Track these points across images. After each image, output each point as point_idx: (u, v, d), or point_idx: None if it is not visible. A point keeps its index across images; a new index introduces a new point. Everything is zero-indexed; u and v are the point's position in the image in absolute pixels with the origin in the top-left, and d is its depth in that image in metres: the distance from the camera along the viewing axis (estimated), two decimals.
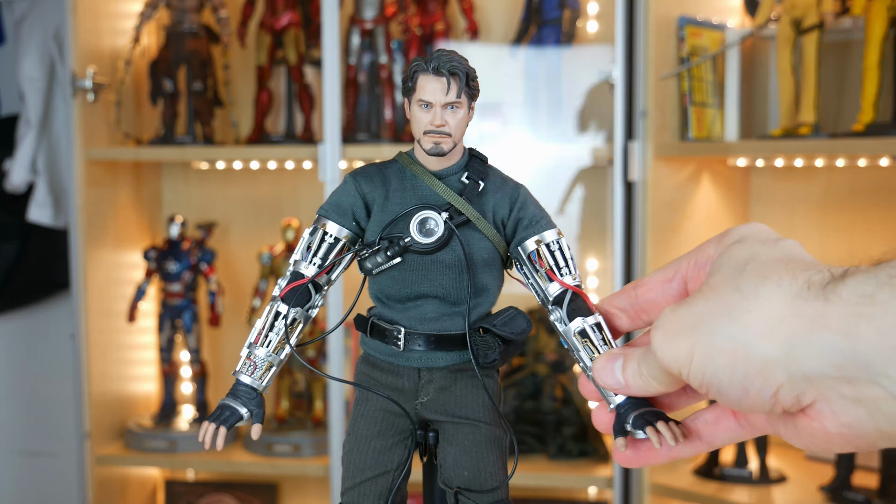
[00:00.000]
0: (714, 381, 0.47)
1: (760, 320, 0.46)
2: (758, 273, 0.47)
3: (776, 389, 0.45)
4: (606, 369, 0.55)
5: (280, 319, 0.66)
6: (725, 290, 0.48)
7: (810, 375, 0.44)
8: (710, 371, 0.47)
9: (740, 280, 0.48)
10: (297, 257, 0.67)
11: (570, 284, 0.65)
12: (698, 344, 0.47)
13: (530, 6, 2.00)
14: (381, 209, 0.67)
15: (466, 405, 0.69)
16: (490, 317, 0.68)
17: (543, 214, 0.68)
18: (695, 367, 0.48)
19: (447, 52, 0.65)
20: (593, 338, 0.63)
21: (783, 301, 0.45)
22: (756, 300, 0.46)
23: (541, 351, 2.02)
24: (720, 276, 0.49)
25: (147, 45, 2.19)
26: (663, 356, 0.49)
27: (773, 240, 0.50)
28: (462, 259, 0.66)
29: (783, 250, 0.49)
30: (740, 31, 1.95)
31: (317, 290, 0.67)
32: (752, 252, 0.49)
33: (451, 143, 0.65)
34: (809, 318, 0.44)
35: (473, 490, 0.68)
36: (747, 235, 0.51)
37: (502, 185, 0.68)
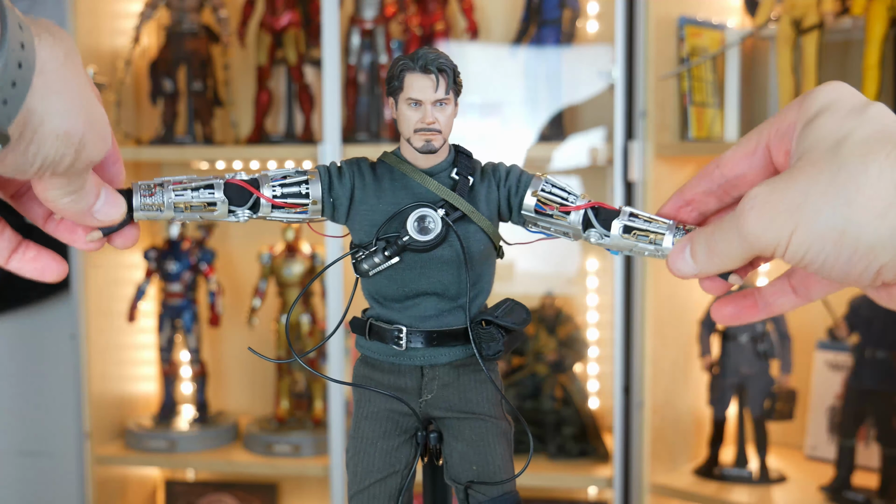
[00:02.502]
0: (817, 259, 0.47)
1: (870, 202, 0.45)
2: (860, 151, 0.46)
3: (880, 268, 0.45)
4: (677, 261, 0.56)
5: (206, 193, 0.63)
6: (827, 167, 0.47)
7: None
8: (814, 250, 0.47)
9: (841, 158, 0.46)
10: (268, 173, 0.66)
11: (584, 204, 0.66)
12: (803, 223, 0.47)
13: (530, 6, 2.00)
14: (373, 210, 0.67)
15: (471, 400, 0.69)
16: (489, 309, 0.68)
17: (521, 171, 0.69)
18: (795, 245, 0.47)
19: (431, 50, 0.65)
20: (636, 226, 0.63)
21: (889, 183, 0.45)
22: (866, 179, 0.45)
23: (541, 351, 2.02)
24: (818, 153, 0.48)
25: (147, 45, 2.19)
26: (759, 234, 0.48)
27: (860, 107, 0.49)
28: (460, 254, 0.66)
29: (875, 122, 0.48)
30: (740, 31, 1.95)
31: (252, 208, 0.65)
32: (844, 126, 0.48)
33: (441, 139, 0.65)
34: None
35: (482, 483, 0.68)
36: (832, 102, 0.50)
37: (484, 173, 0.69)
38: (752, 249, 0.50)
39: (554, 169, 2.07)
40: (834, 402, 1.90)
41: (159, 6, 2.08)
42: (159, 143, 2.10)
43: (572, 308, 2.09)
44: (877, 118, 0.48)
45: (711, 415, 1.90)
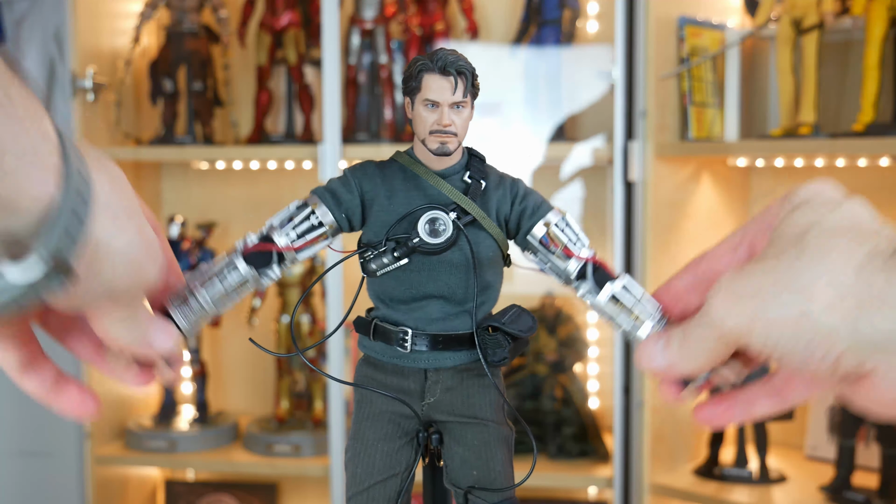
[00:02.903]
0: (777, 347, 0.47)
1: (825, 290, 0.46)
2: (821, 240, 0.47)
3: (838, 356, 0.46)
4: (649, 352, 0.55)
5: (232, 274, 0.62)
6: (787, 256, 0.48)
7: (874, 345, 0.45)
8: (773, 337, 0.47)
9: (803, 247, 0.47)
10: (274, 222, 0.65)
11: (587, 256, 0.65)
12: (761, 310, 0.47)
13: (530, 6, 1.99)
14: (385, 209, 0.66)
15: (473, 405, 0.69)
16: (495, 315, 0.68)
17: (543, 200, 0.68)
18: (756, 333, 0.48)
19: (450, 52, 0.65)
20: (626, 300, 0.62)
21: (847, 272, 0.46)
22: (820, 268, 0.46)
23: (541, 351, 2.02)
24: (783, 242, 0.49)
25: (147, 45, 2.19)
26: (723, 322, 0.49)
27: (837, 201, 0.50)
28: (469, 258, 0.65)
29: (847, 214, 0.49)
30: (740, 31, 1.95)
31: (279, 262, 0.64)
32: (815, 217, 0.49)
33: (456, 142, 0.65)
34: (874, 291, 0.45)
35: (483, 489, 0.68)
36: (812, 197, 0.51)
37: (501, 182, 0.68)
38: (721, 338, 0.50)
39: (554, 169, 2.07)
40: (834, 402, 1.90)
41: (159, 6, 2.08)
42: (159, 143, 2.10)
43: (572, 308, 2.09)
44: (849, 211, 0.49)
45: None
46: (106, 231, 0.45)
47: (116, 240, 0.46)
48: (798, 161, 1.93)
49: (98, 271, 0.46)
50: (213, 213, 2.27)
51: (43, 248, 0.41)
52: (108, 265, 0.47)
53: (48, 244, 0.41)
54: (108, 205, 0.46)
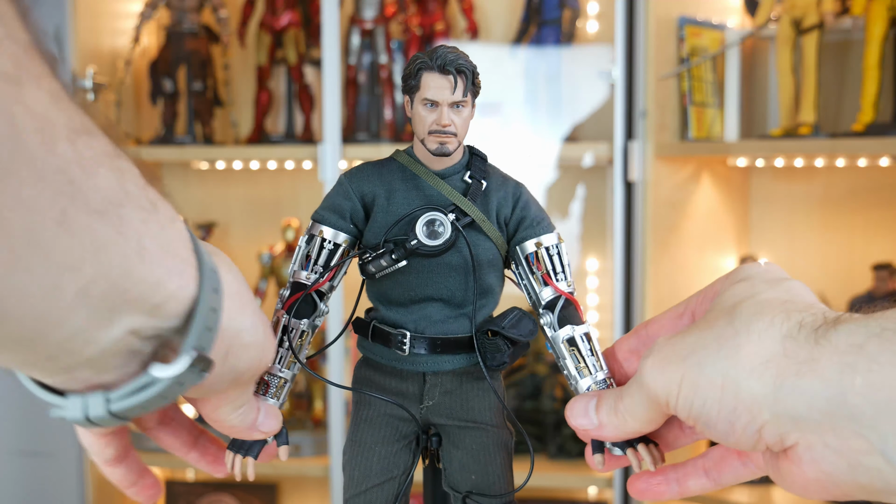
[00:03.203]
0: (702, 413, 0.47)
1: (750, 356, 0.46)
2: (752, 310, 0.47)
3: (760, 426, 0.45)
4: (578, 409, 0.55)
5: (287, 333, 0.64)
6: (718, 323, 0.48)
7: (796, 418, 0.44)
8: (698, 402, 0.47)
9: (734, 315, 0.48)
10: (295, 267, 0.65)
11: (564, 291, 0.65)
12: (688, 374, 0.47)
13: (530, 6, 1.99)
14: (383, 210, 0.65)
15: (472, 408, 0.68)
16: (495, 319, 0.67)
17: (545, 217, 0.67)
18: (682, 397, 0.48)
19: (451, 49, 0.63)
20: (581, 347, 0.62)
21: (774, 340, 0.46)
22: (747, 336, 0.46)
23: (541, 351, 2.02)
24: (716, 311, 0.49)
25: (147, 45, 2.19)
26: (652, 383, 0.49)
27: (777, 280, 0.50)
28: (468, 261, 0.65)
29: (784, 290, 0.49)
30: (740, 31, 1.95)
31: (320, 298, 0.65)
32: (752, 290, 0.49)
33: (456, 142, 0.64)
34: (799, 360, 0.44)
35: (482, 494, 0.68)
36: (754, 275, 0.51)
37: (503, 183, 0.67)
38: (651, 400, 0.50)
39: (554, 169, 2.08)
40: None
41: (159, 6, 2.08)
42: (159, 143, 2.10)
43: None
44: (787, 288, 0.49)
45: None
46: (234, 320, 0.48)
47: (243, 328, 0.49)
48: (798, 161, 1.93)
49: (229, 359, 0.48)
50: (213, 213, 2.27)
51: (189, 345, 0.43)
52: (238, 352, 0.49)
53: (192, 341, 0.43)
54: (233, 295, 0.48)
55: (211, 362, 0.45)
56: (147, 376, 0.43)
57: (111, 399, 0.44)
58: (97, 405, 0.44)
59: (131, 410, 0.44)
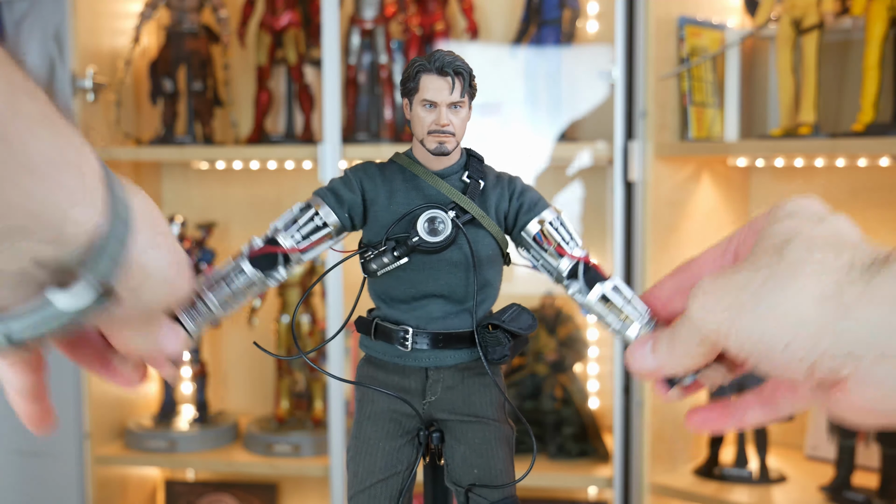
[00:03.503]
0: (755, 348, 0.48)
1: (804, 293, 0.46)
2: (803, 248, 0.48)
3: (815, 360, 0.46)
4: (637, 356, 0.56)
5: (241, 279, 0.64)
6: (769, 263, 0.49)
7: (850, 351, 0.45)
8: (753, 339, 0.48)
9: (784, 253, 0.48)
10: (278, 225, 0.66)
11: (580, 256, 0.66)
12: (742, 312, 0.48)
13: (530, 6, 1.99)
14: (385, 209, 0.66)
15: (474, 403, 0.69)
16: (495, 314, 0.68)
17: (540, 197, 0.69)
18: (736, 334, 0.49)
19: (448, 53, 0.65)
20: (615, 300, 0.63)
21: (827, 277, 0.46)
22: (801, 273, 0.47)
23: (541, 351, 2.02)
24: (764, 250, 0.50)
25: (147, 45, 2.19)
26: (703, 323, 0.50)
27: (821, 216, 0.51)
28: (468, 257, 0.66)
29: (830, 227, 0.50)
30: (740, 31, 1.95)
31: (285, 264, 0.65)
32: (798, 227, 0.50)
33: (454, 142, 0.65)
34: (853, 296, 0.45)
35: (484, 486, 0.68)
36: (797, 210, 0.52)
37: (499, 180, 0.69)
38: (703, 340, 0.51)
39: (554, 169, 2.08)
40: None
41: (159, 6, 2.08)
42: (159, 143, 2.10)
43: (572, 308, 2.09)
44: (833, 224, 0.50)
45: None
46: (144, 254, 0.47)
47: (153, 262, 0.48)
48: (798, 161, 1.93)
49: (137, 292, 0.48)
50: (213, 213, 2.27)
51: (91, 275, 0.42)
52: (146, 286, 0.48)
53: (96, 271, 0.42)
54: (144, 228, 0.47)
55: (114, 294, 0.44)
56: (46, 304, 0.42)
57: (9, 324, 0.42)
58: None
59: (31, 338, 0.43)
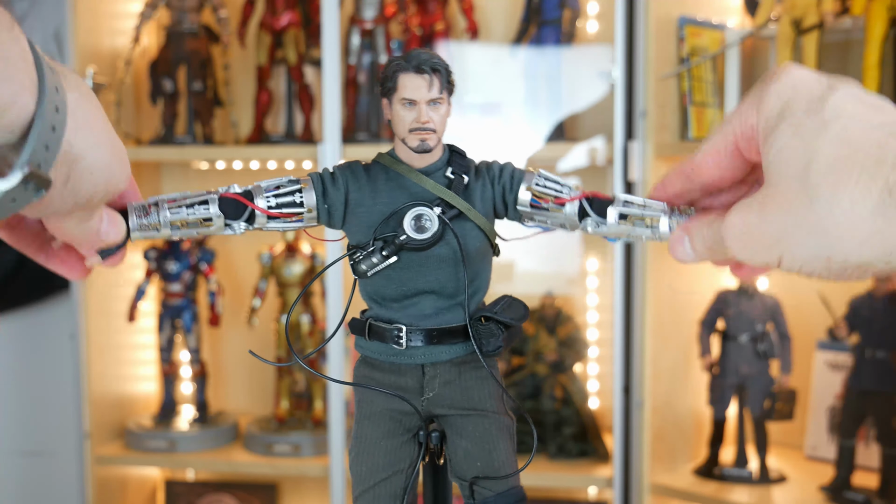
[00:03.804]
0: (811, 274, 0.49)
1: (851, 231, 0.46)
2: (829, 181, 0.46)
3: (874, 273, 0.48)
4: (677, 249, 0.57)
5: (202, 209, 0.64)
6: (800, 199, 0.47)
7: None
8: (805, 271, 0.49)
9: (811, 188, 0.47)
10: (261, 184, 0.67)
11: (577, 195, 0.66)
12: (787, 253, 0.48)
13: (530, 6, 1.99)
14: (371, 210, 0.67)
15: (472, 396, 0.69)
16: (487, 306, 0.69)
17: (514, 167, 0.69)
18: (786, 267, 0.49)
19: (424, 51, 0.66)
20: (632, 213, 0.63)
21: (867, 210, 0.45)
22: (840, 211, 0.46)
23: (541, 351, 2.02)
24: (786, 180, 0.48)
25: (147, 45, 2.19)
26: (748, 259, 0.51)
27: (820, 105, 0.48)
28: (457, 251, 0.66)
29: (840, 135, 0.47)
30: (740, 31, 1.95)
31: (248, 220, 0.66)
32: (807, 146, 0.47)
33: (435, 139, 0.66)
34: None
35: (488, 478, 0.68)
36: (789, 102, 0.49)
37: (479, 172, 0.69)
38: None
39: (553, 169, 2.07)
40: (834, 402, 1.90)
41: (159, 6, 2.08)
42: (159, 143, 2.10)
43: (572, 308, 2.09)
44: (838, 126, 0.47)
45: (711, 415, 1.90)
46: (81, 143, 0.46)
47: (91, 152, 0.47)
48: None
49: (74, 182, 0.47)
50: None
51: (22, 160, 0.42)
52: (83, 176, 0.48)
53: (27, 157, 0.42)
54: (83, 118, 0.46)
55: (48, 181, 0.44)
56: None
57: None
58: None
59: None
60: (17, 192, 0.42)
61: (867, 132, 0.46)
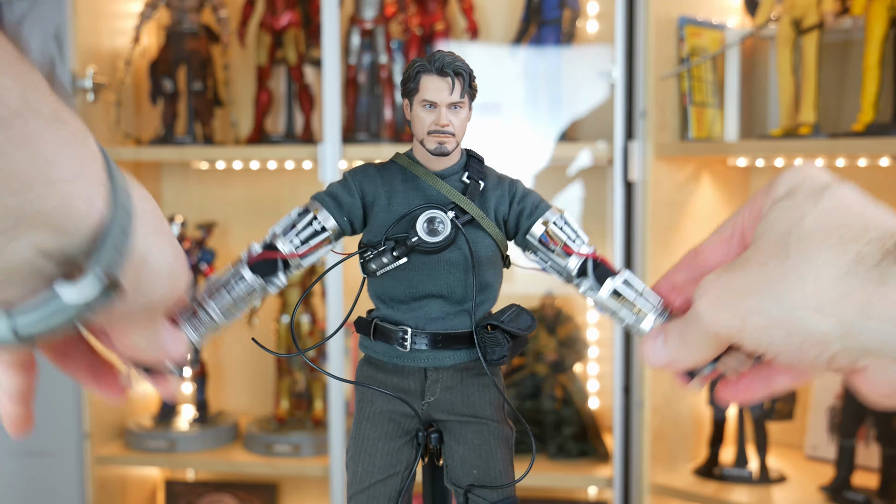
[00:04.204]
0: (769, 347, 0.48)
1: (813, 294, 0.46)
2: (805, 244, 0.47)
3: (830, 357, 0.46)
4: (650, 350, 0.56)
5: (240, 283, 0.63)
6: (775, 258, 0.47)
7: (866, 349, 0.45)
8: (764, 340, 0.48)
9: (786, 252, 0.47)
10: (277, 230, 0.66)
11: (587, 253, 0.66)
12: (750, 314, 0.47)
13: (530, 6, 1.99)
14: (385, 210, 0.66)
15: (473, 404, 0.69)
16: (494, 314, 0.68)
17: (541, 200, 0.68)
18: (747, 335, 0.48)
19: (448, 53, 0.65)
20: (627, 294, 0.63)
21: (835, 277, 0.45)
22: (806, 274, 0.46)
23: (541, 351, 2.02)
24: (765, 241, 0.49)
25: (147, 45, 2.19)
26: (712, 323, 0.49)
27: (819, 190, 0.49)
28: (468, 257, 0.66)
29: (829, 208, 0.48)
30: (740, 31, 1.95)
31: (285, 269, 0.65)
32: (798, 212, 0.48)
33: (454, 142, 0.65)
34: (864, 299, 0.45)
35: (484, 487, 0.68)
36: (796, 187, 0.50)
37: (499, 182, 0.69)
38: (714, 337, 0.50)
39: (554, 169, 2.07)
40: (834, 402, 1.90)
41: (159, 6, 2.08)
42: (159, 143, 2.10)
43: (572, 308, 2.09)
44: (832, 202, 0.48)
45: (711, 415, 1.90)
46: (146, 245, 0.46)
47: (155, 253, 0.48)
48: (798, 161, 1.93)
49: (140, 285, 0.47)
50: (212, 213, 2.27)
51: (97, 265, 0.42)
52: (149, 278, 0.48)
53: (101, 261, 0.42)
54: (145, 220, 0.47)
55: (120, 285, 0.44)
56: (53, 296, 0.42)
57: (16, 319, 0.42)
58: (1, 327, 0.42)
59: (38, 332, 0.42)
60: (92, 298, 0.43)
61: (856, 212, 0.48)
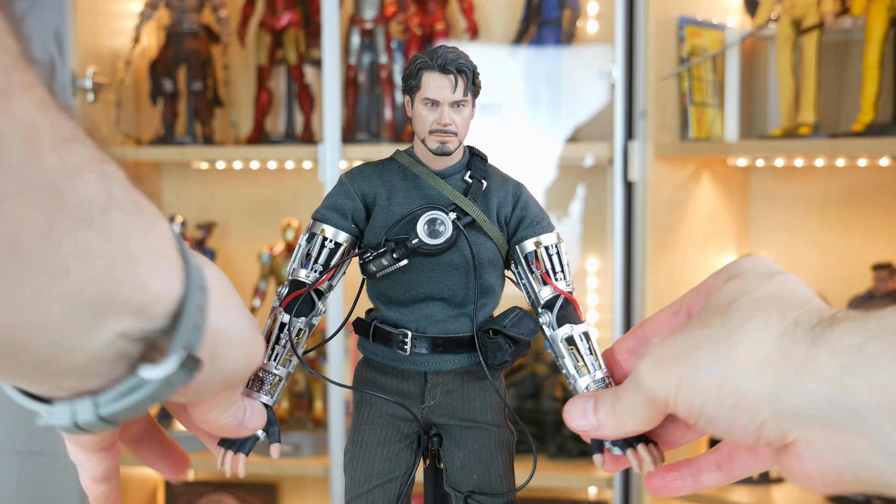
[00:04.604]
0: (702, 412, 0.47)
1: (746, 356, 0.46)
2: (746, 309, 0.47)
3: (761, 423, 0.46)
4: (575, 410, 0.55)
5: (285, 331, 0.63)
6: (712, 323, 0.48)
7: (796, 416, 0.44)
8: (697, 402, 0.47)
9: (728, 314, 0.48)
10: (294, 265, 0.65)
11: (563, 290, 0.64)
12: (685, 375, 0.47)
13: (530, 6, 1.99)
14: (385, 210, 0.65)
15: (474, 408, 0.68)
16: (496, 318, 0.67)
17: (545, 216, 0.67)
18: (681, 397, 0.48)
19: (451, 49, 0.63)
20: (580, 346, 0.62)
21: (770, 339, 0.45)
22: (742, 335, 0.46)
23: (540, 351, 2.02)
24: (710, 310, 0.49)
25: (147, 45, 2.19)
26: (649, 384, 0.49)
27: (771, 274, 0.50)
28: (469, 260, 0.65)
29: (778, 286, 0.49)
30: (740, 31, 1.95)
31: (318, 297, 0.64)
32: (745, 287, 0.49)
33: (456, 142, 0.64)
34: (797, 360, 0.44)
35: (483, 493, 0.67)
36: (747, 270, 0.51)
37: (504, 183, 0.67)
38: (648, 401, 0.50)
39: (554, 169, 2.07)
40: None
41: (159, 6, 2.08)
42: (159, 143, 2.10)
43: None
44: (781, 283, 0.49)
45: None
46: (221, 318, 0.47)
47: (232, 327, 0.48)
48: (798, 161, 1.93)
49: (218, 359, 0.48)
50: (213, 213, 2.27)
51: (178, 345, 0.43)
52: (227, 352, 0.48)
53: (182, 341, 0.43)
54: (218, 294, 0.47)
55: (199, 361, 0.44)
56: (136, 378, 0.43)
57: (100, 403, 0.43)
58: (85, 410, 0.43)
59: (121, 414, 0.43)
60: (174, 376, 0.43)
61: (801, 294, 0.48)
